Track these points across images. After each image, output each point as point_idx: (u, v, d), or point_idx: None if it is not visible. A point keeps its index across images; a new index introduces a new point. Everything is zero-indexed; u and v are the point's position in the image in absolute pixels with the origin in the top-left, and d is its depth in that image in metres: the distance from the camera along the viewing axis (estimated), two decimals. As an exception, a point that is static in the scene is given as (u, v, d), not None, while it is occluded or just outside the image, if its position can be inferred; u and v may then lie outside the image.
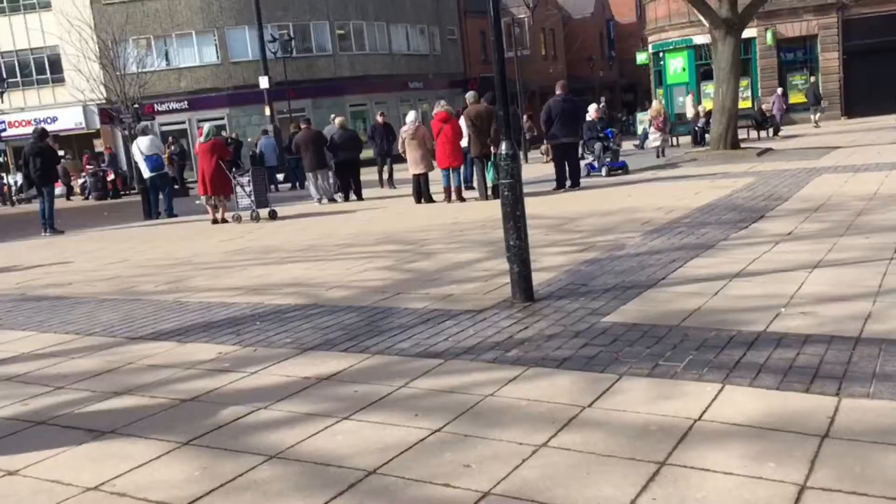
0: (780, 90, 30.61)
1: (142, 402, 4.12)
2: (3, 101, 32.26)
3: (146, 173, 16.28)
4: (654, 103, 23.22)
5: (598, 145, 16.36)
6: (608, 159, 16.48)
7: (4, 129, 33.42)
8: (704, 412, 3.34)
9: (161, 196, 16.68)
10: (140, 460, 3.34)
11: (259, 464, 3.21)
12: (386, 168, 19.09)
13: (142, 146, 16.15)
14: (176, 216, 16.30)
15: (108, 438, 3.64)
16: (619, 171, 16.33)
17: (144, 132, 16.78)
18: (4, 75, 34.20)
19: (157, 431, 3.66)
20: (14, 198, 28.31)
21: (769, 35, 33.36)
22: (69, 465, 3.37)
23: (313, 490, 2.93)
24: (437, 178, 14.11)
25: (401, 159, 15.07)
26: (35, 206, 17.44)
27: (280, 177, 24.72)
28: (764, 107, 27.63)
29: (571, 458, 3.01)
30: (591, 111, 17.45)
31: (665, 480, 2.77)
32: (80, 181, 29.92)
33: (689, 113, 27.80)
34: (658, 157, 20.62)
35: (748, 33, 27.32)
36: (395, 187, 18.49)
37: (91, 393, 4.36)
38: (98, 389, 4.41)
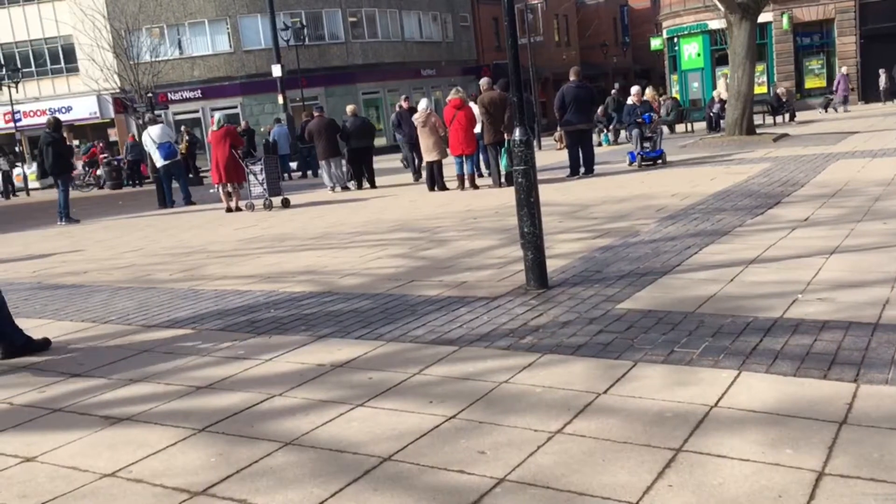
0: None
1: (158, 390, 4.14)
2: (17, 91, 32.44)
3: (160, 162, 16.31)
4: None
5: (635, 132, 14.98)
6: (646, 148, 14.66)
7: (20, 119, 33.63)
8: (721, 399, 3.32)
9: (176, 184, 16.75)
10: (156, 447, 3.36)
11: (274, 450, 3.22)
12: (415, 155, 17.32)
13: (153, 134, 16.19)
14: (194, 203, 16.38)
15: (124, 425, 3.66)
16: (658, 161, 14.47)
17: (155, 122, 16.82)
18: (20, 65, 34.39)
19: (173, 418, 3.68)
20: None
21: (785, 19, 32.99)
22: (86, 451, 3.39)
23: (328, 476, 2.94)
24: (450, 164, 14.10)
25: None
26: (47, 195, 17.55)
27: (293, 165, 24.74)
28: (779, 91, 27.21)
29: (587, 445, 3.00)
30: (633, 93, 15.95)
31: (681, 467, 2.76)
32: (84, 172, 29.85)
33: (724, 95, 27.04)
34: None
35: (764, 18, 27.03)
36: (416, 175, 17.28)
37: (107, 380, 4.39)
38: (114, 377, 4.44)
